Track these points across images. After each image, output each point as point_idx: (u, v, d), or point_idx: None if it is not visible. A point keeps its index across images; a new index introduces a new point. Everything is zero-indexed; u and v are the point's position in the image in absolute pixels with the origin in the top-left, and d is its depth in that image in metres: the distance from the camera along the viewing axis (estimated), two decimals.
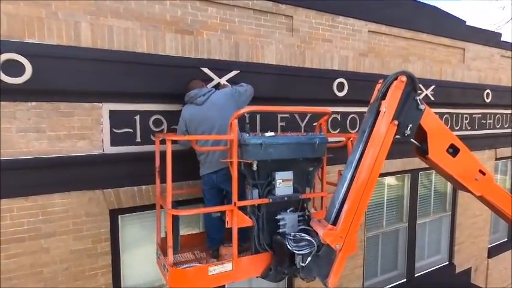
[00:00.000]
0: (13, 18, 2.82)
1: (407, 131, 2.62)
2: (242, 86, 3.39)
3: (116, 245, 3.47)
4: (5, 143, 2.87)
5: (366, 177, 2.56)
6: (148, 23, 3.40)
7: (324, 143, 3.08)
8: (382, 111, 2.59)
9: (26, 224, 3.01)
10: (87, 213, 3.25)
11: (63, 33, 3.01)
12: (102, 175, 3.28)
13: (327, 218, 2.71)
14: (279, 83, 4.17)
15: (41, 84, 2.92)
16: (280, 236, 2.89)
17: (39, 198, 3.04)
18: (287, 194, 3.01)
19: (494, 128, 7.14)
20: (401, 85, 2.56)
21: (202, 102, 3.17)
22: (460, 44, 6.24)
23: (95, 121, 3.22)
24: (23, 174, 2.95)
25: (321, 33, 4.57)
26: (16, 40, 2.83)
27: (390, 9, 5.20)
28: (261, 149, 2.79)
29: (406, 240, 6.05)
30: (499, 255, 7.72)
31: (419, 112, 2.63)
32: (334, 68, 4.68)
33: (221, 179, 3.18)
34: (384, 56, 5.25)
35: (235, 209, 2.80)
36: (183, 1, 3.57)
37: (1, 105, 2.84)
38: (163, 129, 3.55)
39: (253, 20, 4.04)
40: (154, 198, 3.51)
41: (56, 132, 3.06)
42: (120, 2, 3.26)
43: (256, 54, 4.04)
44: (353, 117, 4.95)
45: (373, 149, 2.58)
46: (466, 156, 2.78)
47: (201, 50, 3.68)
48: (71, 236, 3.19)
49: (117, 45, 3.24)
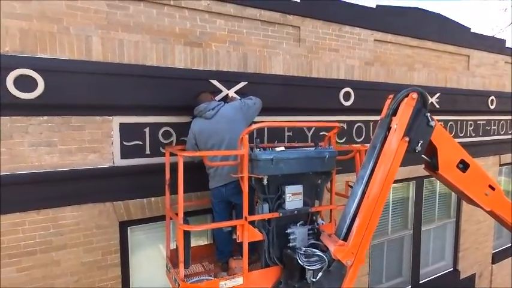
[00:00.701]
0: (26, 33, 2.84)
1: (418, 147, 2.63)
2: (251, 99, 3.41)
3: (125, 257, 3.49)
4: (17, 157, 2.90)
5: (377, 193, 2.58)
6: (158, 36, 3.42)
7: (333, 157, 3.09)
8: (393, 127, 2.60)
9: (37, 237, 3.03)
10: (97, 225, 3.27)
11: (74, 47, 3.03)
12: (112, 188, 3.31)
13: (337, 233, 2.72)
14: (286, 93, 4.19)
15: (53, 99, 2.94)
16: (290, 250, 2.90)
17: (50, 211, 3.07)
18: (297, 207, 3.02)
19: (499, 134, 7.16)
20: (412, 102, 2.58)
21: (212, 116, 3.19)
22: (464, 51, 6.25)
23: (106, 134, 3.24)
24: (35, 188, 2.97)
25: (328, 42, 4.58)
26: (29, 55, 2.85)
27: (396, 17, 5.22)
28: (272, 164, 2.80)
29: (411, 247, 6.06)
30: (503, 261, 7.73)
31: (430, 128, 2.64)
32: (341, 78, 4.69)
33: (230, 192, 3.19)
34: (390, 65, 5.26)
35: (246, 224, 2.81)
36: (192, 14, 3.59)
37: (14, 119, 2.86)
38: (172, 141, 3.57)
39: (261, 31, 4.05)
40: (163, 210, 3.53)
41: (67, 146, 3.08)
42: (131, 15, 3.28)
43: (264, 65, 4.06)
44: (359, 126, 4.97)
45: (384, 164, 2.59)
46: (476, 172, 2.79)
47: (209, 61, 3.69)
48: (81, 249, 3.21)
49: (128, 58, 3.26)
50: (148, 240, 3.72)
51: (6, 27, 2.77)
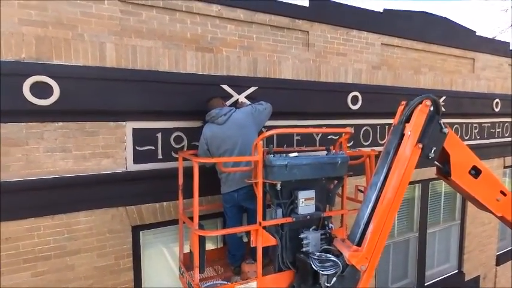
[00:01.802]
0: (41, 40, 2.86)
1: (431, 154, 2.66)
2: (261, 105, 3.44)
3: (138, 261, 3.51)
4: (33, 163, 2.92)
5: (391, 198, 2.61)
6: (170, 42, 3.45)
7: (345, 162, 3.12)
8: (407, 134, 2.63)
9: (52, 242, 3.05)
10: (110, 230, 3.29)
11: (88, 54, 3.05)
12: (125, 192, 3.33)
13: (351, 238, 2.75)
14: (295, 97, 4.21)
15: (68, 105, 2.97)
16: (303, 255, 2.93)
17: (64, 216, 3.09)
18: (309, 212, 3.05)
19: (503, 136, 7.19)
20: (426, 109, 2.60)
21: (224, 121, 3.21)
22: (470, 54, 6.28)
23: (119, 139, 3.26)
24: (49, 193, 2.99)
25: (336, 47, 4.61)
26: (44, 62, 2.87)
27: (402, 21, 5.24)
28: (286, 170, 2.83)
29: (416, 249, 6.09)
30: (507, 263, 7.76)
31: (443, 135, 2.67)
32: (348, 81, 4.72)
33: (242, 197, 3.22)
34: (396, 68, 5.29)
35: (260, 229, 2.84)
36: (203, 19, 3.61)
37: (29, 126, 2.89)
38: (183, 145, 3.60)
39: (271, 36, 4.08)
40: (175, 214, 3.56)
41: (81, 151, 3.10)
42: (144, 21, 3.31)
43: (273, 69, 4.08)
44: (366, 130, 5.00)
45: (398, 170, 2.62)
46: (488, 178, 2.82)
47: (220, 67, 3.72)
48: (94, 253, 3.24)
49: (140, 64, 3.28)
50: (160, 244, 3.75)
51: (22, 34, 2.80)
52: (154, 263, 3.68)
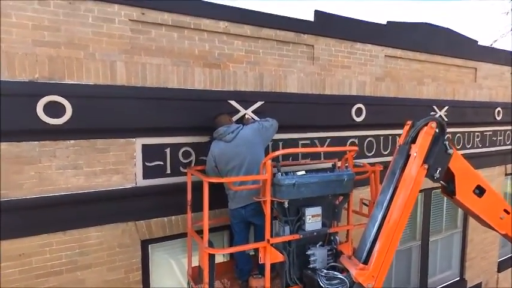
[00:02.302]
0: (54, 60, 2.92)
1: (437, 174, 2.72)
2: (268, 121, 3.50)
3: (147, 274, 3.57)
4: (45, 180, 2.98)
5: (397, 218, 2.66)
6: (179, 59, 3.50)
7: (351, 180, 3.18)
8: (413, 155, 2.68)
9: (63, 257, 3.11)
10: (120, 244, 3.35)
11: (100, 72, 3.11)
12: (135, 207, 3.39)
13: (357, 255, 2.81)
14: (301, 110, 4.27)
15: (80, 123, 3.03)
16: (311, 271, 2.99)
17: (76, 232, 3.15)
18: (316, 229, 3.11)
19: (505, 144, 7.24)
20: (432, 131, 2.66)
21: (232, 139, 3.27)
22: (472, 63, 6.34)
23: (129, 156, 3.32)
24: (62, 209, 3.06)
25: (340, 60, 4.67)
26: (57, 82, 2.93)
27: (405, 33, 5.30)
28: (294, 189, 2.89)
29: (419, 257, 6.15)
30: (508, 269, 7.81)
31: (448, 156, 2.73)
32: (353, 94, 4.78)
33: (250, 213, 3.28)
34: (400, 79, 5.35)
35: (268, 246, 2.90)
36: (211, 36, 3.67)
37: (42, 144, 2.95)
38: (191, 160, 3.65)
39: (276, 51, 4.14)
40: (183, 228, 3.62)
41: (92, 168, 3.16)
42: (153, 39, 3.37)
43: (279, 83, 4.14)
44: (370, 141, 5.05)
45: (404, 190, 2.67)
46: (492, 197, 2.87)
47: (227, 82, 3.78)
48: (105, 267, 3.30)
49: (150, 81, 3.34)
50: (169, 257, 3.81)
51: (36, 55, 2.86)
52: (163, 276, 3.74)
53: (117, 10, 3.17)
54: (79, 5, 3.00)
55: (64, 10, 2.95)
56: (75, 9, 2.99)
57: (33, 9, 2.84)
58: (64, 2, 2.94)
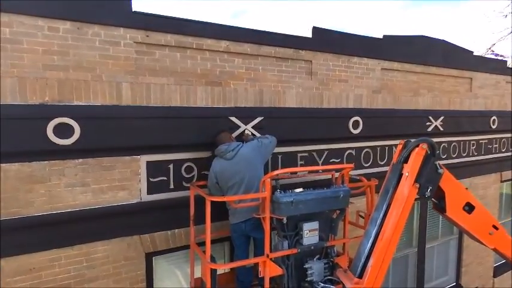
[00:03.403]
0: (63, 83, 3.06)
1: (428, 193, 2.85)
2: (267, 138, 3.64)
3: (151, 285, 3.70)
4: (55, 198, 3.12)
5: (390, 235, 2.80)
6: (181, 78, 3.64)
7: (347, 196, 3.31)
8: (405, 175, 2.82)
9: (72, 271, 3.25)
10: (125, 257, 3.49)
11: (106, 94, 3.25)
12: (140, 221, 3.53)
13: (352, 270, 2.94)
14: (299, 124, 4.41)
15: (88, 143, 3.16)
16: (308, 284, 3.13)
17: (83, 246, 3.29)
18: (313, 243, 3.25)
19: (500, 152, 7.37)
20: (423, 152, 2.80)
21: (232, 157, 3.41)
22: (467, 73, 6.48)
23: (134, 172, 3.46)
24: (70, 225, 3.19)
25: (338, 74, 4.80)
26: (66, 104, 3.07)
27: (402, 46, 5.44)
28: (292, 206, 3.03)
29: (415, 264, 6.28)
30: (504, 275, 7.94)
31: (439, 175, 2.87)
32: (350, 107, 4.92)
33: (250, 227, 3.42)
34: (396, 91, 5.49)
35: (267, 261, 3.04)
36: (213, 55, 3.81)
37: (52, 163, 3.08)
38: (194, 175, 3.79)
39: (275, 67, 4.28)
40: (185, 240, 3.75)
41: (99, 185, 3.30)
42: (157, 60, 3.51)
43: (278, 99, 4.28)
44: (367, 152, 5.18)
45: (396, 209, 2.81)
46: (481, 213, 3.01)
47: (228, 99, 3.92)
48: (111, 280, 3.43)
49: (154, 101, 3.48)
50: (172, 268, 3.95)
51: (46, 78, 3.00)
52: (166, 285, 3.88)
53: (122, 33, 3.30)
54: (87, 29, 3.14)
55: (72, 35, 3.09)
56: (83, 33, 3.13)
57: (43, 35, 2.98)
58: (72, 27, 3.07)
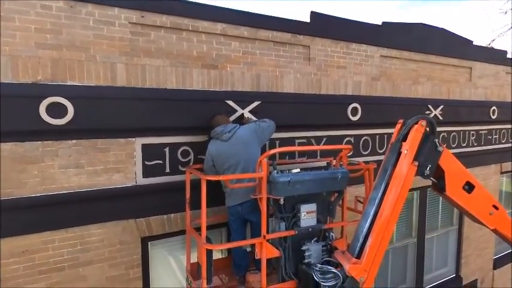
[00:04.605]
0: (56, 62, 3.01)
1: (427, 171, 2.81)
2: (265, 122, 3.59)
3: (147, 271, 3.66)
4: (48, 179, 3.07)
5: (388, 214, 2.76)
6: (177, 60, 3.59)
7: (345, 177, 3.26)
8: (404, 152, 2.77)
9: (66, 254, 3.20)
10: (120, 241, 3.44)
11: (100, 74, 3.20)
12: (135, 205, 3.48)
13: (350, 250, 2.90)
14: (297, 110, 4.36)
15: (81, 124, 3.12)
16: (306, 266, 3.08)
17: (78, 229, 3.24)
18: (311, 225, 3.19)
19: (500, 143, 7.33)
20: (422, 129, 2.75)
21: (228, 138, 3.36)
22: (467, 63, 6.43)
23: (129, 155, 3.41)
24: (64, 207, 3.14)
25: (336, 60, 4.76)
26: (59, 83, 3.02)
27: (401, 33, 5.39)
28: (289, 186, 2.98)
29: (415, 254, 6.24)
30: (504, 267, 7.90)
31: (438, 153, 2.82)
32: (348, 94, 4.87)
33: (246, 210, 3.37)
34: (395, 79, 5.44)
35: (264, 242, 2.99)
36: (209, 37, 3.76)
37: (45, 144, 3.03)
38: (190, 159, 3.74)
39: (273, 52, 4.23)
40: (181, 225, 3.70)
41: (93, 167, 3.25)
42: (152, 41, 3.46)
43: (275, 84, 4.23)
44: (365, 140, 5.14)
45: (395, 187, 2.77)
46: (481, 193, 2.97)
47: (225, 82, 3.87)
48: (106, 264, 3.38)
49: (149, 83, 3.43)
50: (168, 254, 3.90)
51: (38, 57, 2.95)
52: (162, 272, 3.83)
53: (117, 13, 3.25)
54: (80, 8, 3.09)
55: (66, 13, 3.04)
56: (76, 12, 3.08)
57: (36, 13, 2.93)
58: (66, 5, 3.02)
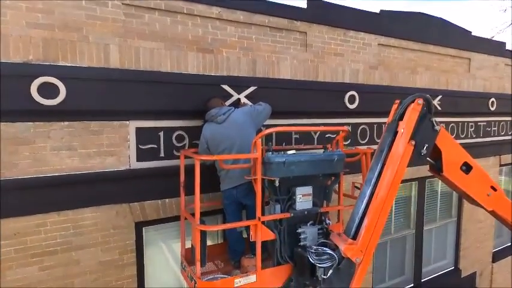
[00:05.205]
0: (48, 42, 2.97)
1: (424, 151, 2.76)
2: (260, 105, 3.55)
3: (141, 256, 3.62)
4: (40, 161, 3.03)
5: (384, 194, 2.71)
6: (172, 43, 3.55)
7: (342, 160, 3.22)
8: (400, 131, 2.73)
9: (58, 237, 3.16)
10: (114, 226, 3.40)
11: (93, 55, 3.16)
12: (129, 189, 3.44)
13: (346, 232, 2.86)
14: (294, 97, 4.32)
15: (74, 105, 3.07)
16: (301, 249, 3.03)
17: (70, 212, 3.20)
18: (307, 208, 3.15)
19: (499, 135, 7.29)
20: (418, 107, 2.71)
21: (223, 120, 3.32)
22: (466, 54, 6.39)
23: (123, 138, 3.37)
24: (56, 190, 3.10)
25: (333, 47, 4.72)
26: (51, 63, 2.98)
27: (399, 22, 5.35)
28: (284, 167, 2.93)
29: (413, 246, 6.20)
30: (503, 260, 7.86)
31: (435, 133, 2.78)
32: (346, 81, 4.83)
33: (241, 194, 3.32)
34: (393, 68, 5.40)
35: (259, 224, 2.95)
36: (204, 21, 3.72)
37: (37, 125, 2.99)
38: (185, 144, 3.70)
39: (270, 37, 4.19)
40: (176, 211, 3.66)
41: (86, 149, 3.21)
42: (146, 23, 3.41)
43: (272, 70, 4.19)
44: (363, 128, 5.10)
45: (391, 167, 2.73)
46: (479, 174, 2.93)
47: (220, 67, 3.83)
48: (99, 248, 3.34)
49: (143, 65, 3.39)
50: (162, 240, 3.86)
51: (30, 36, 2.90)
52: (156, 258, 3.79)
53: None
54: None
55: None
56: None
57: None
58: None
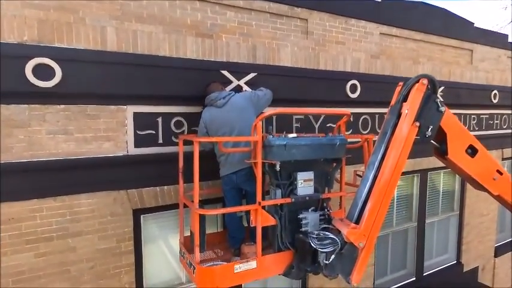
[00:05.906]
0: (43, 23, 2.90)
1: (428, 132, 2.70)
2: (261, 91, 3.48)
3: (139, 244, 3.55)
4: (35, 145, 2.96)
5: (388, 177, 2.64)
6: (171, 27, 3.48)
7: (343, 144, 3.16)
8: (404, 113, 2.66)
9: (54, 223, 3.09)
10: (112, 213, 3.33)
11: (90, 37, 3.09)
12: (126, 176, 3.37)
13: (349, 216, 2.79)
14: (294, 85, 4.25)
15: (70, 88, 3.00)
16: (302, 235, 2.96)
17: (66, 198, 3.13)
18: (308, 193, 3.08)
19: (501, 128, 7.22)
20: (423, 88, 2.64)
21: (223, 104, 3.25)
22: (468, 45, 6.32)
23: (120, 123, 3.30)
24: (52, 175, 3.03)
25: (334, 35, 4.65)
26: (46, 45, 2.91)
27: (401, 11, 5.28)
28: (285, 150, 2.87)
29: (415, 239, 6.13)
30: (505, 255, 7.80)
31: (440, 114, 2.71)
32: (347, 70, 4.76)
33: (241, 179, 3.25)
34: (395, 58, 5.33)
35: (259, 209, 2.88)
36: (203, 5, 3.65)
37: (32, 108, 2.92)
38: (183, 130, 3.63)
39: (270, 23, 4.12)
40: (175, 198, 3.59)
41: (83, 134, 3.14)
42: (144, 7, 3.35)
43: (272, 56, 4.12)
44: (365, 118, 5.04)
45: (395, 150, 2.65)
46: (484, 157, 2.86)
47: (220, 53, 3.76)
48: (96, 236, 3.27)
49: (141, 49, 3.32)
50: (161, 228, 3.79)
51: (24, 17, 2.83)
52: (154, 246, 3.72)
53: None
54: None
55: None
56: None
57: None
58: None
